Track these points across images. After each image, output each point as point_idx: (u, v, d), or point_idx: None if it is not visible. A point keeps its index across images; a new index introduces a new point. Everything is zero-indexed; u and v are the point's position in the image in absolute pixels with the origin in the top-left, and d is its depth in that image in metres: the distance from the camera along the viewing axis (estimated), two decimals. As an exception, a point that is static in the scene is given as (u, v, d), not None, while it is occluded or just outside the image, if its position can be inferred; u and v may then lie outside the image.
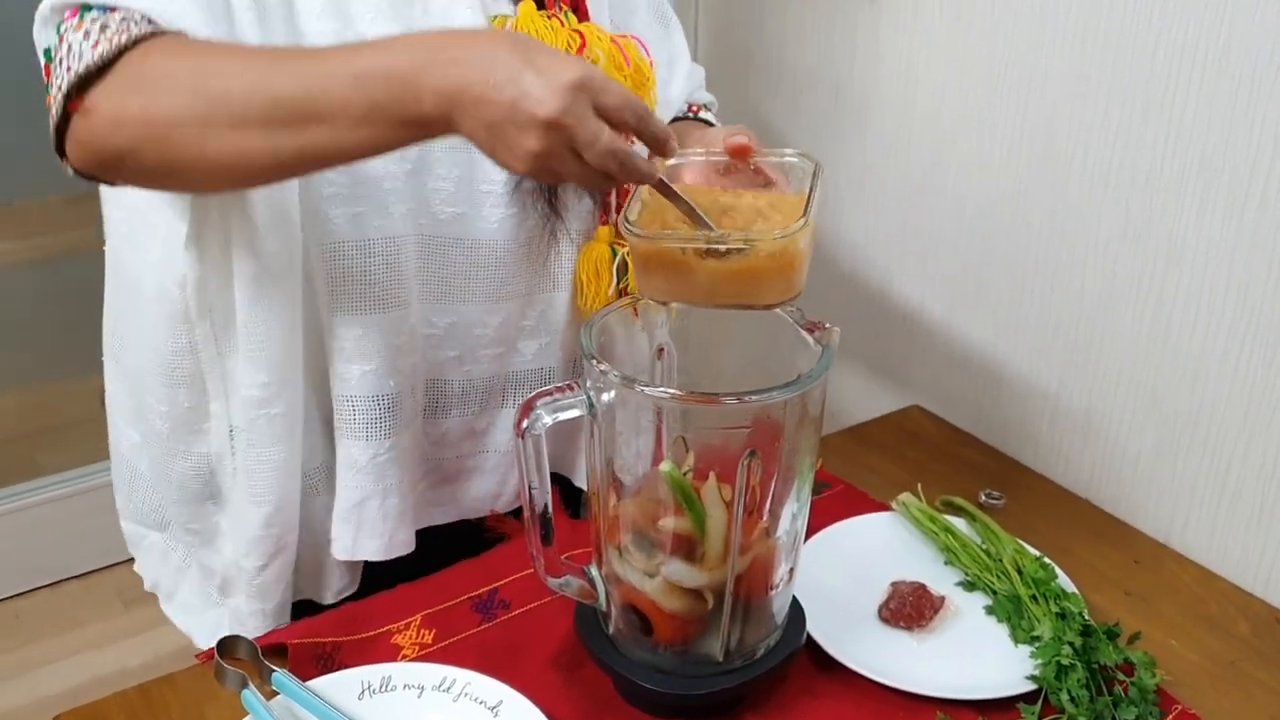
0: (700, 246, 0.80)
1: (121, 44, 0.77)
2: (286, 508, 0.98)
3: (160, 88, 0.77)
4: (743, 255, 0.80)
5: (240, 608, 1.02)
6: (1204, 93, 1.03)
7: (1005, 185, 1.24)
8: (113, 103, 0.78)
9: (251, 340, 0.92)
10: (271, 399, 0.93)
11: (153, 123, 0.77)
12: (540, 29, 0.94)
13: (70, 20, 0.81)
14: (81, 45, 0.79)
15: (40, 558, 2.17)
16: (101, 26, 0.79)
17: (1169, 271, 1.10)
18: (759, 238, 0.80)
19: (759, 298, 0.83)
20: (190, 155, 0.77)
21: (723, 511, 0.82)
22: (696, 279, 0.81)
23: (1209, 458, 1.11)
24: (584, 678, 0.91)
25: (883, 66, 1.36)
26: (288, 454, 0.96)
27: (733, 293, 0.82)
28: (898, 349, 1.44)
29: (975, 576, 1.03)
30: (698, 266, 0.81)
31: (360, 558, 1.01)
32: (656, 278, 0.83)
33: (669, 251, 0.81)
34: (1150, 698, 0.88)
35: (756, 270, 0.81)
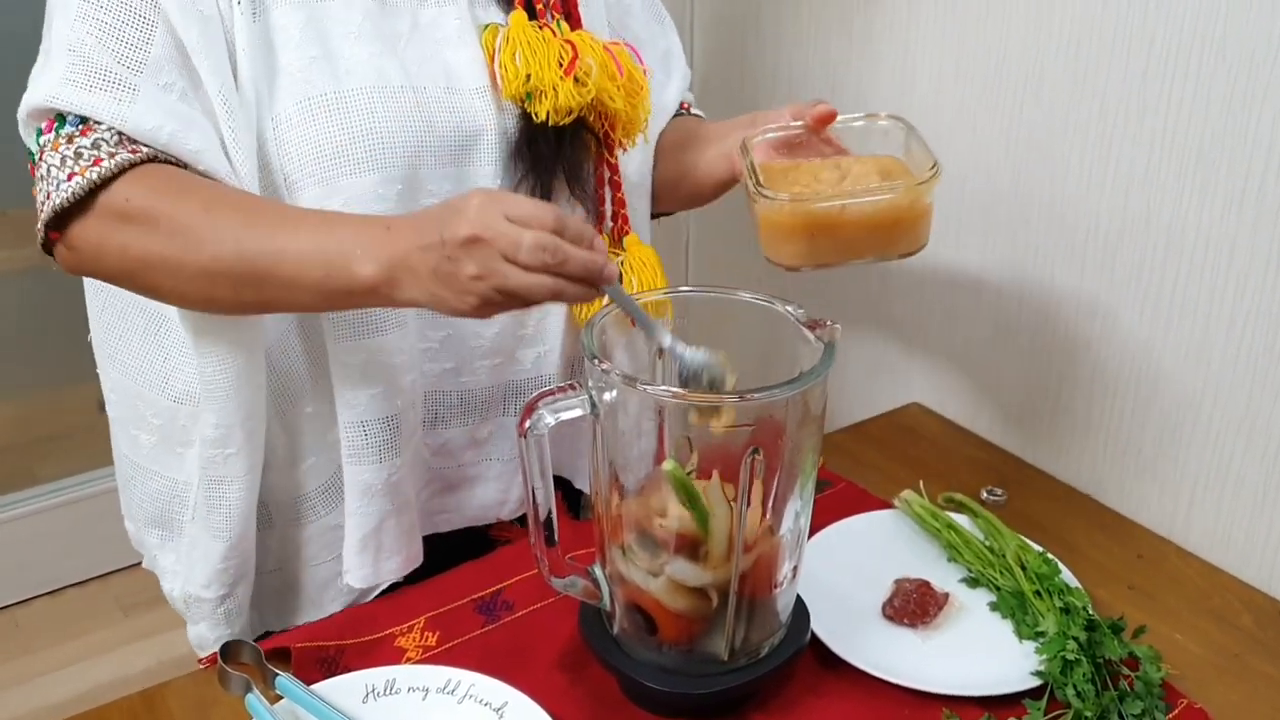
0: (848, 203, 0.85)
1: (93, 181, 0.82)
2: (244, 541, 0.98)
3: (139, 232, 0.82)
4: (879, 206, 0.86)
5: (203, 636, 1.01)
6: (1201, 84, 1.03)
7: (1003, 180, 1.24)
8: (92, 241, 0.84)
9: (204, 379, 0.92)
10: (223, 440, 0.93)
11: (130, 261, 0.83)
12: (532, 38, 0.93)
13: (48, 133, 0.84)
14: (57, 173, 0.83)
15: (39, 566, 2.17)
16: (76, 153, 0.83)
17: (1168, 263, 1.10)
18: (902, 186, 0.86)
19: (895, 248, 0.89)
20: (165, 292, 0.85)
21: (726, 510, 0.82)
22: (837, 236, 0.86)
23: (1210, 451, 1.11)
24: (589, 678, 0.91)
25: (879, 63, 1.36)
26: (244, 491, 0.95)
27: (871, 246, 0.88)
28: (897, 346, 1.44)
29: (978, 573, 1.03)
30: (840, 223, 0.86)
31: (382, 580, 1.00)
32: (796, 242, 0.87)
33: (814, 212, 0.86)
34: (1156, 691, 0.88)
35: (895, 220, 0.87)
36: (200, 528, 0.97)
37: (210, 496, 0.95)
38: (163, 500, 1.01)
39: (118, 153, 0.82)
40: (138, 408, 1.00)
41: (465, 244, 0.75)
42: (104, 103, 0.82)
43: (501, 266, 0.75)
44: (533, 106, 0.93)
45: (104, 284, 1.00)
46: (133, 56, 0.82)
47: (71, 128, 0.83)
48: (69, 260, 0.86)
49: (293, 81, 0.87)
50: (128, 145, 0.83)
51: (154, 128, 0.82)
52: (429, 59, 0.92)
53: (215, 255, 0.81)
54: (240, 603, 1.01)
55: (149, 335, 0.98)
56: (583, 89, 0.93)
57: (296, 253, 0.80)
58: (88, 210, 0.83)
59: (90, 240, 0.84)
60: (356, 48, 0.89)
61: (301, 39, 0.87)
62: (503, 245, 0.75)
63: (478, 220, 0.75)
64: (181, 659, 2.02)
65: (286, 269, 0.80)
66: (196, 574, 0.99)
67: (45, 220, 0.84)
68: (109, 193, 0.82)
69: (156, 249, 0.82)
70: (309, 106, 0.87)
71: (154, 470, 1.01)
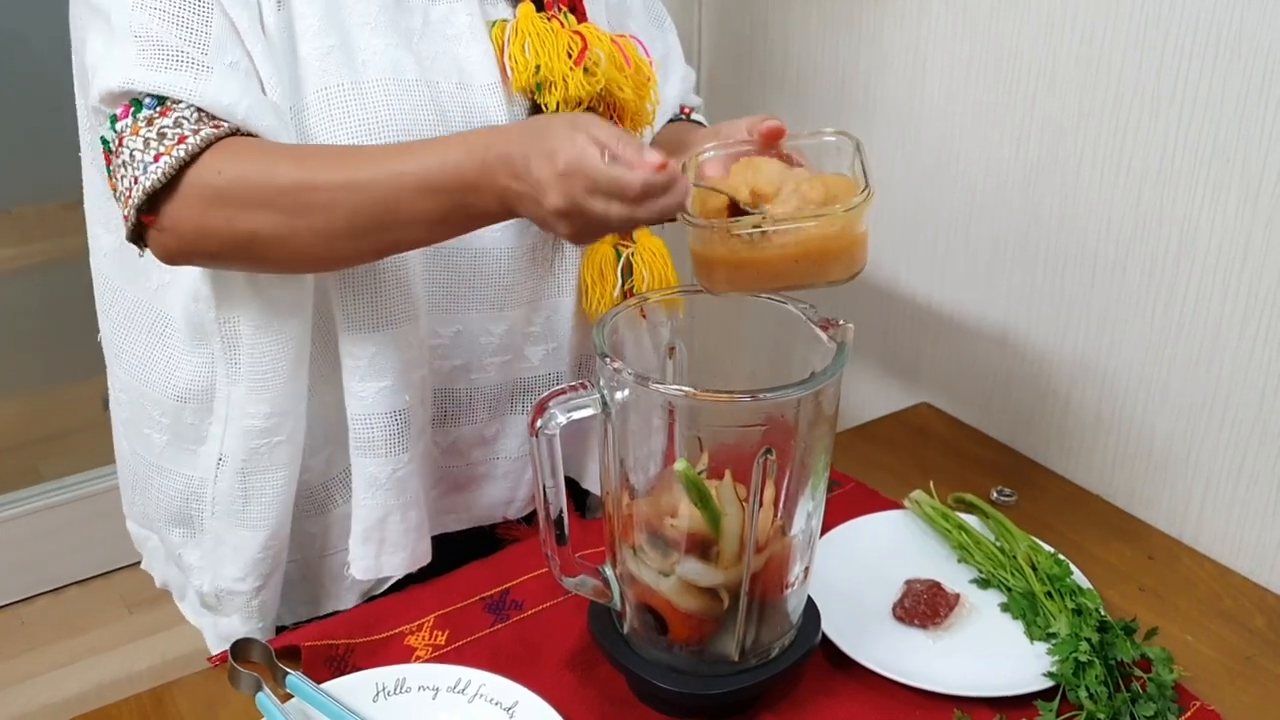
0: (766, 230, 0.80)
1: (182, 158, 0.81)
2: (282, 530, 0.98)
3: (241, 203, 0.81)
4: (809, 234, 0.81)
5: (234, 628, 1.02)
6: (1216, 81, 1.03)
7: (1015, 178, 1.24)
8: (193, 219, 0.82)
9: (256, 370, 0.92)
10: (274, 429, 0.93)
11: (239, 236, 0.82)
12: (540, 30, 0.93)
13: (124, 119, 0.83)
14: (142, 156, 0.81)
15: (43, 564, 2.17)
16: (159, 133, 0.81)
17: (1180, 262, 1.09)
18: (828, 214, 0.81)
19: (826, 275, 0.84)
20: (277, 259, 0.84)
21: (738, 510, 0.81)
22: (763, 266, 0.82)
23: (1222, 452, 1.10)
24: (598, 677, 0.91)
25: (889, 60, 1.36)
26: (287, 480, 0.96)
27: (800, 274, 0.83)
28: (906, 345, 1.44)
29: (989, 574, 1.02)
30: (763, 253, 0.81)
31: (384, 574, 1.00)
32: (721, 269, 0.83)
33: (734, 241, 0.81)
34: (1168, 693, 0.88)
35: (824, 249, 0.82)
36: (229, 521, 0.97)
37: (248, 488, 0.95)
38: (181, 498, 1.01)
39: (200, 129, 0.81)
40: (145, 407, 1.00)
41: (557, 214, 0.76)
42: (181, 80, 0.81)
43: (594, 228, 0.77)
44: (543, 98, 0.93)
45: (111, 282, 1.00)
46: (197, 38, 0.82)
47: (150, 110, 0.82)
48: (165, 244, 0.84)
49: (311, 71, 0.87)
50: (207, 122, 0.82)
51: (231, 103, 0.82)
52: (441, 55, 0.92)
53: (328, 211, 0.80)
54: (273, 593, 1.01)
55: (153, 334, 0.98)
56: (592, 79, 0.93)
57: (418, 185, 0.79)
58: (179, 190, 0.81)
59: (190, 220, 0.82)
60: (373, 39, 0.89)
61: (320, 28, 0.87)
62: (593, 219, 0.75)
63: (564, 197, 0.75)
64: (186, 656, 2.03)
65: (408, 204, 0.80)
66: (227, 568, 0.99)
67: (138, 204, 0.82)
68: (199, 168, 0.81)
69: (264, 222, 0.81)
70: (326, 96, 0.87)
71: (170, 469, 1.01)
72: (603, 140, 0.75)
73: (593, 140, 0.75)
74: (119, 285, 1.00)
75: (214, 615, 1.04)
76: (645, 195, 0.74)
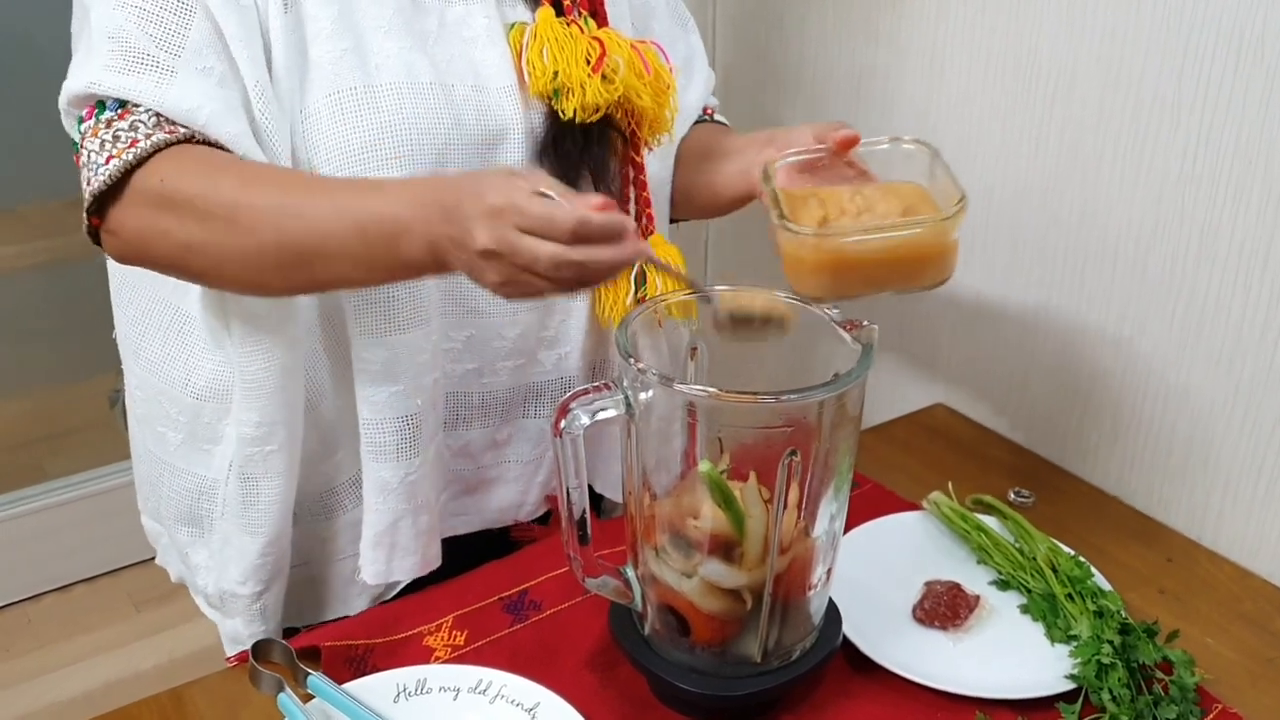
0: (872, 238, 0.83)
1: (129, 161, 0.81)
2: (282, 537, 0.98)
3: (179, 214, 0.81)
4: (905, 241, 0.84)
5: (238, 630, 1.02)
6: (1239, 83, 1.02)
7: (1033, 179, 1.23)
8: (135, 224, 0.83)
9: (245, 378, 0.92)
10: (265, 438, 0.93)
11: (174, 246, 0.82)
12: (559, 35, 0.93)
13: (89, 120, 0.84)
14: (96, 158, 0.82)
15: (50, 562, 2.17)
16: (114, 136, 0.82)
17: (1201, 263, 1.09)
18: (926, 221, 0.84)
19: (918, 281, 0.87)
20: (212, 278, 0.85)
21: (762, 511, 0.81)
22: (861, 271, 0.85)
23: (1242, 453, 1.10)
24: (618, 678, 0.90)
25: (906, 59, 1.35)
26: (283, 488, 0.95)
27: (895, 280, 0.86)
28: (922, 346, 1.43)
29: (1009, 575, 1.02)
30: (864, 259, 0.84)
31: (395, 579, 1.00)
32: (820, 275, 0.85)
33: (838, 248, 0.84)
34: (1191, 696, 0.88)
35: (918, 255, 0.85)
36: (234, 524, 0.97)
37: (246, 493, 0.95)
38: (192, 497, 1.01)
39: (154, 134, 0.81)
40: (162, 404, 0.99)
41: (483, 255, 0.74)
42: (141, 84, 0.81)
43: (523, 276, 0.74)
44: (560, 104, 0.93)
45: (128, 279, 1.00)
46: (171, 40, 0.82)
47: (110, 112, 0.82)
48: (115, 247, 0.85)
49: (323, 74, 0.87)
50: (165, 127, 0.82)
51: (192, 108, 0.82)
52: (457, 57, 0.92)
53: (260, 237, 0.80)
54: (276, 598, 1.01)
55: (171, 332, 0.97)
56: (610, 86, 0.93)
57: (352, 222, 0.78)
58: (124, 193, 0.82)
59: (132, 226, 0.83)
60: (387, 42, 0.88)
61: (333, 31, 0.87)
62: (520, 260, 0.73)
63: (491, 234, 0.73)
64: (194, 654, 2.03)
65: (338, 240, 0.79)
66: (231, 570, 0.98)
67: (86, 205, 0.83)
68: (143, 174, 0.81)
69: (198, 235, 0.81)
70: (339, 100, 0.87)
71: (182, 468, 1.00)
72: (540, 185, 0.74)
73: (529, 184, 0.74)
74: (136, 281, 1.00)
75: (220, 615, 1.04)
76: (580, 235, 0.73)
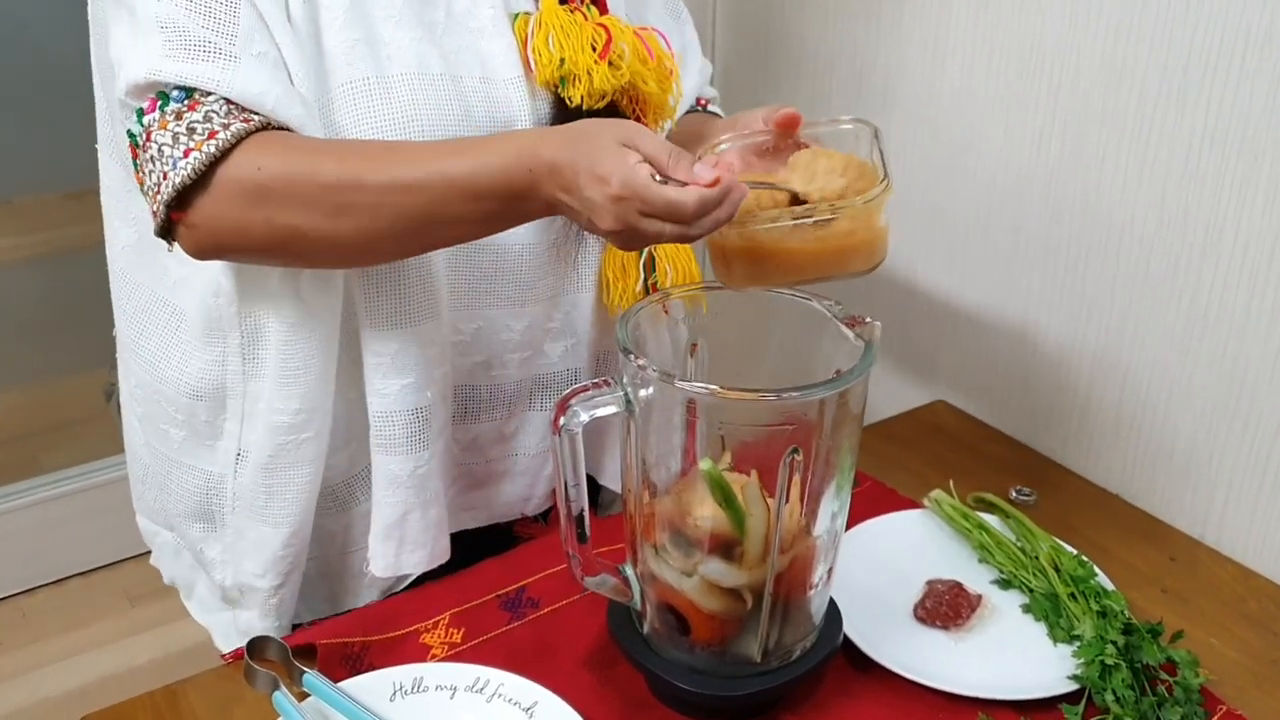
0: (785, 225, 0.81)
1: (213, 154, 0.79)
2: (305, 528, 0.97)
3: (282, 201, 0.80)
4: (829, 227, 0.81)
5: (253, 623, 1.01)
6: (1245, 78, 1.01)
7: (1036, 174, 1.22)
8: (231, 215, 0.81)
9: (287, 366, 0.91)
10: (303, 425, 0.93)
11: (279, 232, 0.81)
12: (564, 23, 0.92)
13: (151, 112, 0.81)
14: (171, 151, 0.80)
15: (45, 556, 2.16)
16: (189, 128, 0.80)
17: (1205, 261, 1.08)
18: (846, 205, 0.81)
19: (846, 268, 0.84)
20: (317, 256, 0.84)
21: (763, 510, 0.80)
22: (783, 260, 0.82)
23: (1246, 453, 1.09)
24: (617, 677, 0.89)
25: (908, 49, 1.34)
26: (312, 476, 0.95)
27: (821, 267, 0.83)
28: (923, 342, 1.43)
29: (1011, 574, 1.01)
30: (785, 246, 0.81)
31: (404, 572, 0.99)
32: (740, 264, 0.83)
33: (755, 235, 0.81)
34: (1195, 697, 0.87)
35: (844, 242, 0.82)
36: (250, 518, 0.96)
37: (271, 485, 0.94)
38: (202, 493, 1.00)
39: (231, 123, 0.80)
40: (161, 403, 0.99)
41: (610, 234, 0.77)
42: (209, 71, 0.80)
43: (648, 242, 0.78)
44: (566, 91, 0.92)
45: (129, 276, 0.99)
46: (225, 28, 0.81)
47: (177, 103, 0.80)
48: (197, 240, 0.83)
49: (337, 64, 0.86)
50: (238, 115, 0.80)
51: (260, 93, 0.81)
52: (465, 48, 0.91)
53: (374, 210, 0.79)
54: (292, 592, 1.00)
55: (167, 330, 0.97)
56: (617, 73, 0.92)
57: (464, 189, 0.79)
58: (210, 186, 0.80)
59: (227, 216, 0.80)
60: (398, 32, 0.88)
61: (346, 21, 0.86)
62: (647, 237, 0.77)
63: (616, 219, 0.76)
64: (189, 650, 2.02)
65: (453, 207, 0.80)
66: (247, 564, 0.98)
67: (167, 200, 0.80)
68: (233, 164, 0.79)
69: (307, 221, 0.80)
70: (351, 90, 0.86)
71: (190, 464, 1.00)
72: (654, 156, 0.75)
73: (644, 158, 0.75)
74: (137, 279, 0.99)
75: (232, 610, 1.03)
76: (699, 214, 0.75)
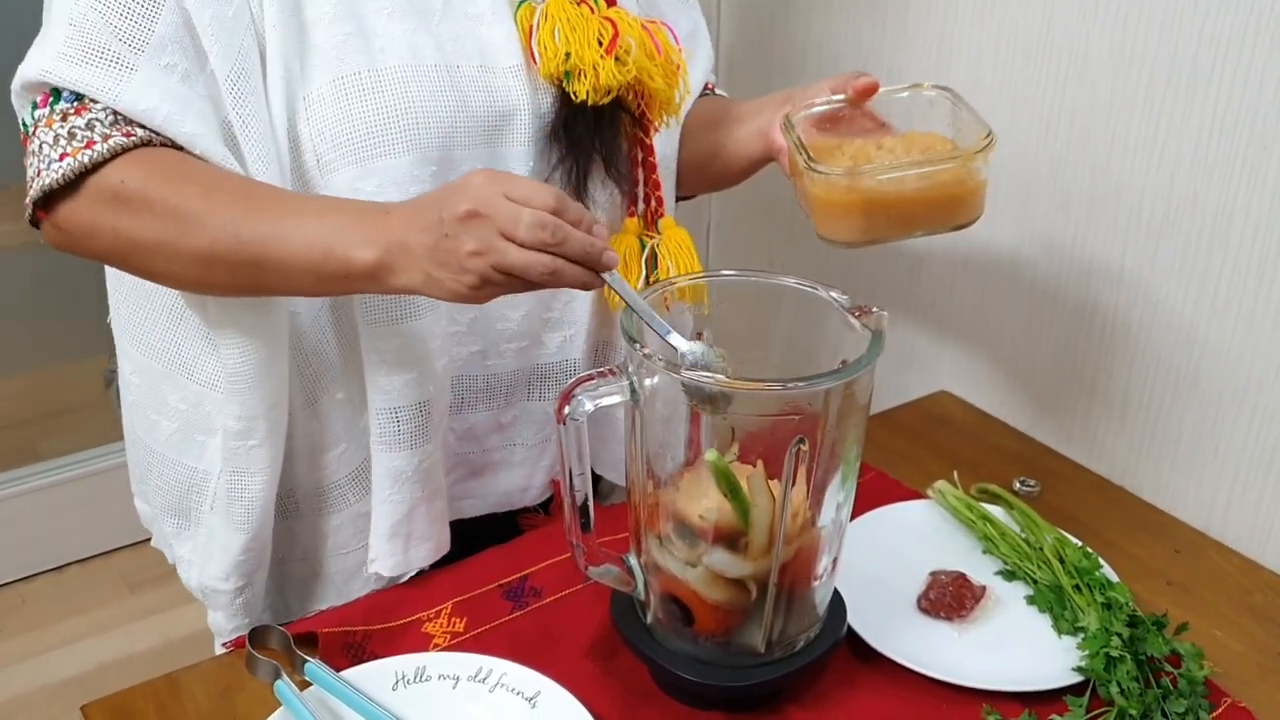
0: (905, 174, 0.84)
1: (84, 164, 0.79)
2: (264, 531, 0.96)
3: (134, 212, 0.80)
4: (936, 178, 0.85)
5: (220, 625, 1.00)
6: (1255, 65, 1.00)
7: (1043, 162, 1.21)
8: (84, 220, 0.81)
9: (228, 373, 0.90)
10: (246, 432, 0.91)
11: (122, 243, 0.81)
12: (571, 15, 0.91)
13: (42, 108, 0.82)
14: (50, 151, 0.80)
15: (44, 542, 2.15)
16: (69, 132, 0.80)
17: (1213, 251, 1.07)
18: (960, 155, 0.85)
19: (951, 220, 0.88)
20: (158, 274, 0.84)
21: (768, 501, 0.80)
22: (893, 211, 0.85)
23: (1252, 444, 1.09)
24: (619, 667, 0.89)
25: (914, 40, 1.33)
26: (265, 484, 0.94)
27: (928, 219, 0.87)
28: (926, 332, 1.42)
29: (1015, 566, 1.01)
30: (897, 197, 0.84)
31: (413, 568, 0.99)
32: (852, 218, 0.86)
33: (870, 187, 0.84)
34: (1199, 689, 0.87)
35: (951, 192, 0.86)
36: (220, 519, 0.96)
37: (232, 488, 0.93)
38: (180, 489, 0.99)
39: (112, 135, 0.80)
40: (161, 392, 0.97)
41: (464, 219, 0.74)
42: (99, 79, 0.79)
43: (500, 243, 0.74)
44: (571, 86, 0.91)
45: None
46: (135, 34, 0.80)
47: (66, 104, 0.80)
48: (56, 239, 0.85)
49: (326, 59, 0.85)
50: (122, 127, 0.80)
51: (149, 108, 0.80)
52: (463, 36, 0.90)
53: (213, 240, 0.79)
54: (257, 591, 0.99)
55: (175, 318, 0.96)
56: (623, 68, 0.91)
57: (294, 238, 0.79)
58: (78, 192, 0.80)
59: (81, 221, 0.82)
60: (390, 24, 0.87)
61: (335, 15, 0.85)
62: (501, 221, 0.74)
63: (477, 196, 0.75)
64: (188, 637, 2.02)
65: (284, 254, 0.79)
66: (213, 566, 0.97)
67: (33, 199, 0.82)
68: (102, 175, 0.80)
69: (151, 233, 0.80)
70: (342, 85, 0.85)
71: (172, 459, 0.98)
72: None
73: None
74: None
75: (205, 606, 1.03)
76: (560, 210, 0.75)
